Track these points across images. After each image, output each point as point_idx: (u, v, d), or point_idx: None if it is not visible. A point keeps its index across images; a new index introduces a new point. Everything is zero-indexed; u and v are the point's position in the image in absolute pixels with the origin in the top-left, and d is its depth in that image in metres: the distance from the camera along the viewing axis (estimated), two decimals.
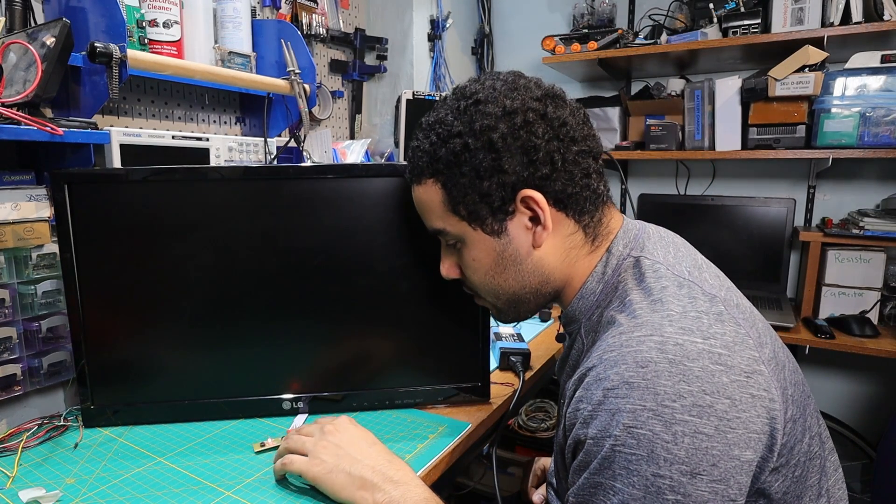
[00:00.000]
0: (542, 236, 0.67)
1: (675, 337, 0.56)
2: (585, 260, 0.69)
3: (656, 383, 0.54)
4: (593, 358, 0.60)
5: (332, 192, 0.93)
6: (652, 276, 0.64)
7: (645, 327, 0.58)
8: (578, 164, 0.65)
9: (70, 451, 0.87)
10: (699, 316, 0.59)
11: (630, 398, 0.54)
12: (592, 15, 2.06)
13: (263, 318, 0.94)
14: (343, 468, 0.71)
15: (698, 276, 0.64)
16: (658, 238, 0.69)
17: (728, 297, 0.63)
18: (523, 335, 1.30)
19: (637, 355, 0.56)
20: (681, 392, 0.53)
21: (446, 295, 0.97)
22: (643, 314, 0.60)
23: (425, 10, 2.11)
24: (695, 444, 0.52)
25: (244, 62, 1.43)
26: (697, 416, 0.52)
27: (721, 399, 0.53)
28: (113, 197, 0.89)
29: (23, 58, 0.95)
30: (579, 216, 0.67)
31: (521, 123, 0.63)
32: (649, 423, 0.53)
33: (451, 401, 1.00)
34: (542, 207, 0.65)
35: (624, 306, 0.63)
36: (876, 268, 1.75)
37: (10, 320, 0.91)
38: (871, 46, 1.67)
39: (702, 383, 0.53)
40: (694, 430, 0.52)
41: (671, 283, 0.62)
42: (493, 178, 0.64)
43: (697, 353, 0.55)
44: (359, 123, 2.07)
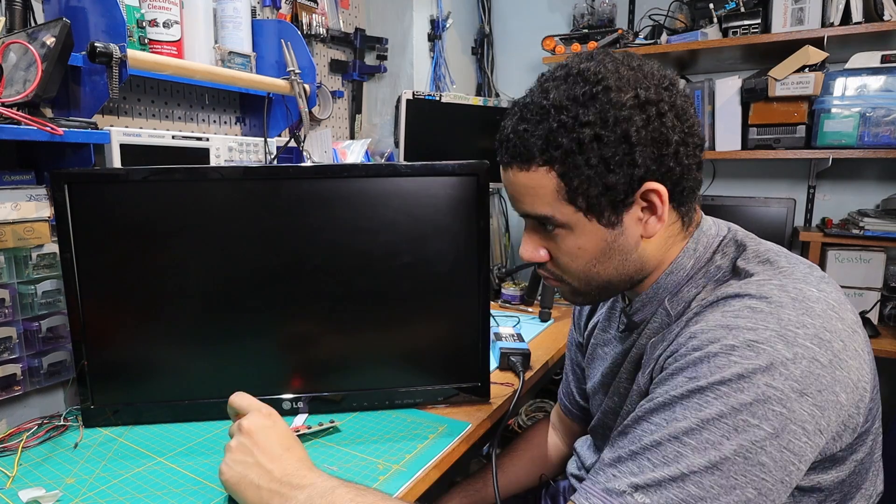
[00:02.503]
0: (655, 228, 0.65)
1: (793, 283, 0.59)
2: (678, 246, 0.70)
3: (780, 312, 0.56)
4: (703, 302, 0.62)
5: (331, 192, 0.93)
6: (752, 242, 0.67)
7: (761, 275, 0.61)
8: (696, 158, 0.64)
9: (70, 451, 0.87)
10: (807, 274, 0.62)
11: (753, 318, 0.55)
12: (592, 15, 2.06)
13: (263, 318, 0.94)
14: (251, 479, 0.65)
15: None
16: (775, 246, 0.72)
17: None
18: (523, 335, 1.30)
19: (759, 291, 0.58)
20: (804, 322, 0.55)
21: (447, 295, 0.97)
22: (755, 270, 0.62)
23: (425, 10, 2.11)
24: (810, 369, 0.53)
25: (244, 62, 1.43)
26: (817, 346, 0.54)
27: (837, 339, 0.56)
28: (113, 197, 0.89)
29: (23, 58, 0.95)
30: (681, 206, 0.67)
31: (655, 115, 0.60)
32: (772, 340, 0.54)
33: (451, 401, 1.00)
34: (664, 201, 0.63)
35: (731, 270, 0.65)
36: (876, 268, 1.75)
37: (10, 320, 0.91)
38: (871, 46, 1.67)
39: (822, 321, 0.56)
40: (812, 356, 0.54)
41: (769, 249, 0.66)
42: (621, 171, 0.61)
43: (816, 298, 0.58)
44: (359, 123, 2.07)
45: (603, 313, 0.88)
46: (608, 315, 0.86)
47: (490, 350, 1.02)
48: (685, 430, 0.54)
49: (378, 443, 0.89)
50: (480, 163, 0.95)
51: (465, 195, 0.95)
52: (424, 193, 0.94)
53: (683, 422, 0.54)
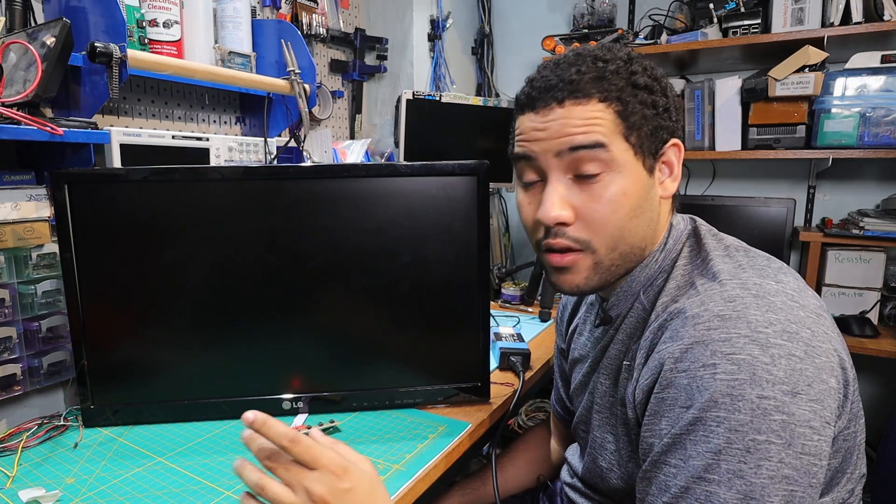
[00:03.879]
0: (670, 188, 0.70)
1: (753, 279, 0.61)
2: (657, 235, 0.71)
3: (747, 313, 0.56)
4: (671, 308, 0.63)
5: (331, 192, 0.93)
6: (711, 237, 0.71)
7: (723, 273, 0.63)
8: (681, 120, 0.72)
9: (70, 450, 0.87)
10: (764, 267, 0.64)
11: (723, 328, 0.56)
12: (592, 15, 2.06)
13: (263, 318, 0.94)
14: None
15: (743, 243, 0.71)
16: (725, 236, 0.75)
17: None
18: (523, 335, 1.30)
19: (723, 294, 0.59)
20: (770, 320, 0.56)
21: (447, 295, 0.97)
22: (717, 265, 0.65)
23: (425, 10, 2.11)
24: (791, 365, 0.54)
25: (244, 62, 1.43)
26: (788, 341, 0.55)
27: (803, 328, 0.56)
28: (113, 197, 0.90)
29: (23, 58, 0.95)
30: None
31: (663, 87, 0.69)
32: (747, 347, 0.54)
33: (451, 401, 1.00)
34: (680, 159, 0.70)
35: (692, 260, 0.68)
36: (876, 268, 1.75)
37: (10, 320, 0.91)
38: (871, 46, 1.67)
39: (785, 313, 0.57)
40: (788, 352, 0.54)
41: (730, 243, 0.70)
42: (662, 118, 0.67)
43: (775, 291, 0.59)
44: (359, 123, 2.07)
45: (581, 316, 0.89)
46: (585, 317, 0.87)
47: (490, 350, 1.02)
48: (704, 467, 0.54)
49: (378, 443, 0.89)
50: (480, 163, 0.95)
51: (465, 195, 0.95)
52: (424, 193, 0.95)
53: (698, 459, 0.54)
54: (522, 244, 2.49)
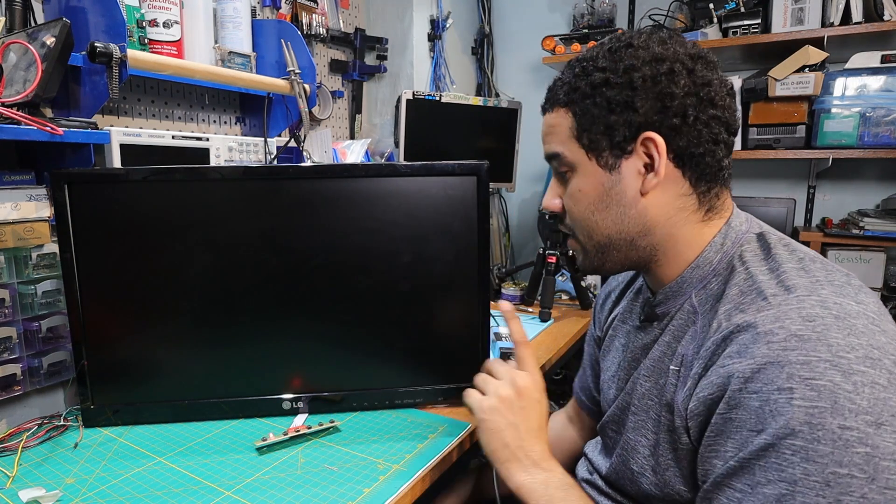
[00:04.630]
0: (651, 183, 0.66)
1: (832, 297, 0.56)
2: (693, 228, 0.68)
3: (827, 335, 0.52)
4: (738, 318, 0.58)
5: (331, 192, 0.93)
6: (783, 247, 0.64)
7: (799, 288, 0.57)
8: (710, 127, 0.64)
9: (70, 451, 0.87)
10: (844, 284, 0.58)
11: (802, 349, 0.52)
12: (592, 15, 2.06)
13: (263, 318, 0.94)
14: (503, 436, 0.72)
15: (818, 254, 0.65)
16: (803, 247, 0.69)
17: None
18: None
19: (801, 311, 0.55)
20: (852, 344, 0.52)
21: (447, 294, 0.97)
22: (791, 278, 0.59)
23: (425, 10, 2.11)
24: (874, 394, 0.50)
25: (244, 62, 1.43)
26: (871, 367, 0.51)
27: (887, 355, 0.52)
28: (113, 197, 0.90)
29: (23, 58, 0.95)
30: (696, 180, 0.66)
31: (666, 71, 0.64)
32: (828, 373, 0.51)
33: (452, 401, 1.00)
34: (661, 152, 0.64)
35: (762, 267, 0.62)
36: (876, 268, 1.75)
37: (10, 320, 0.91)
38: (871, 46, 1.67)
39: (868, 338, 0.53)
40: (871, 380, 0.51)
41: (805, 254, 0.63)
42: (622, 114, 0.65)
43: (856, 312, 0.55)
44: (359, 123, 2.07)
45: (624, 305, 0.86)
46: (629, 307, 0.84)
47: (490, 350, 1.02)
48: (777, 497, 0.51)
49: (378, 443, 0.89)
50: (480, 163, 0.95)
51: (465, 195, 0.95)
52: (424, 193, 0.95)
53: (769, 487, 0.52)
54: (522, 244, 2.49)
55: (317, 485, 0.77)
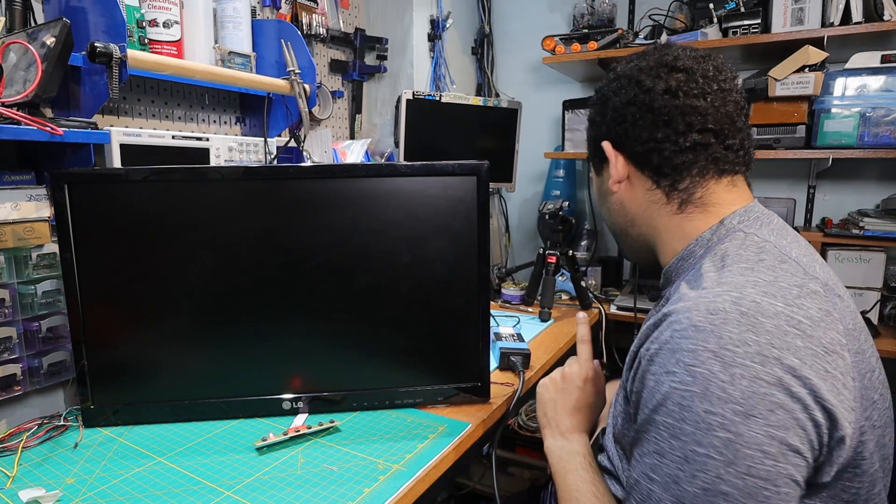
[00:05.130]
0: (613, 180, 0.77)
1: (753, 296, 0.57)
2: (670, 220, 0.74)
3: (722, 329, 0.55)
4: (669, 305, 0.62)
5: (332, 192, 0.93)
6: (754, 249, 0.65)
7: (726, 285, 0.60)
8: (647, 130, 0.72)
9: (70, 451, 0.87)
10: (789, 287, 0.59)
11: (693, 339, 0.56)
12: (592, 15, 2.06)
13: (263, 318, 0.94)
14: (545, 407, 0.89)
15: (806, 262, 0.64)
16: (780, 226, 0.71)
17: (832, 286, 0.63)
18: (523, 335, 1.30)
19: (710, 305, 0.57)
20: (746, 340, 0.54)
21: (446, 295, 0.97)
22: (730, 276, 0.61)
23: (425, 10, 2.11)
24: (753, 388, 0.52)
25: (244, 62, 1.43)
26: (760, 364, 0.53)
27: (789, 357, 0.53)
28: (113, 197, 0.90)
29: (23, 58, 0.95)
30: (656, 177, 0.73)
31: (615, 87, 0.76)
32: (708, 363, 0.54)
33: (451, 401, 1.00)
34: (609, 154, 0.76)
35: (714, 264, 0.65)
36: (876, 268, 1.75)
37: (10, 320, 0.91)
38: (871, 46, 1.67)
39: (771, 338, 0.54)
40: (754, 375, 0.53)
41: (771, 258, 0.63)
42: (592, 130, 0.81)
43: (774, 313, 0.56)
44: (359, 123, 2.07)
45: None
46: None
47: (490, 350, 1.02)
48: (651, 466, 0.57)
49: (378, 443, 0.89)
50: (480, 163, 0.95)
51: (465, 195, 0.95)
52: (424, 193, 0.95)
53: (648, 457, 0.58)
54: (522, 244, 2.49)
55: (317, 485, 0.77)
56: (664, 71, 0.72)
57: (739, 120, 0.73)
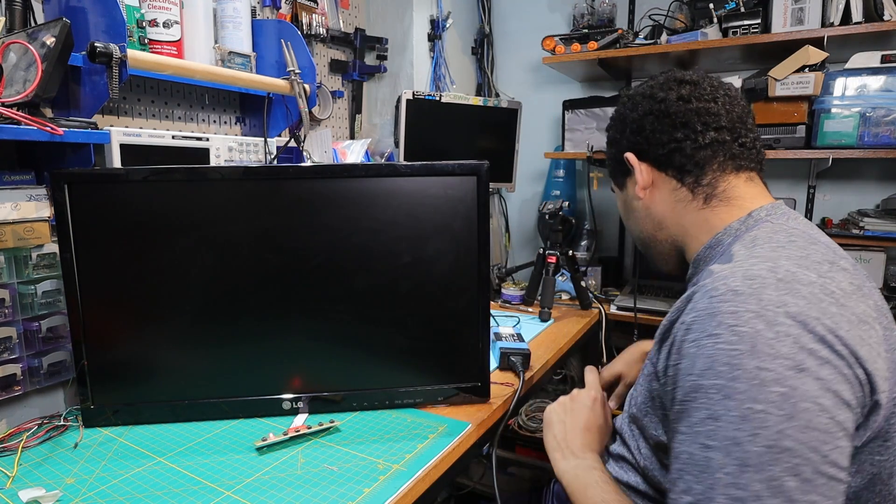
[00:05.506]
0: (639, 187, 0.81)
1: (788, 266, 0.59)
2: (697, 215, 0.77)
3: (761, 292, 0.56)
4: (703, 278, 0.63)
5: (332, 192, 0.93)
6: (784, 234, 0.68)
7: (759, 258, 0.62)
8: (667, 133, 0.77)
9: (70, 451, 0.87)
10: (821, 262, 0.61)
11: (733, 302, 0.56)
12: (592, 15, 2.06)
13: (263, 319, 0.94)
14: (554, 429, 0.88)
15: (834, 247, 0.68)
16: (807, 222, 0.74)
17: (859, 269, 0.66)
18: (523, 335, 1.30)
19: (747, 272, 0.59)
20: (786, 301, 0.55)
21: (446, 295, 0.97)
22: (762, 251, 0.64)
23: (425, 10, 2.11)
24: (799, 344, 0.53)
25: (244, 62, 1.43)
26: (802, 323, 0.54)
27: (827, 320, 0.54)
28: (113, 197, 0.90)
29: (23, 58, 0.95)
30: (679, 175, 0.78)
31: (631, 106, 0.82)
32: (751, 322, 0.54)
33: (451, 401, 1.00)
34: (633, 164, 0.81)
35: (744, 246, 0.67)
36: (876, 268, 1.75)
37: (10, 320, 0.91)
38: (871, 46, 1.67)
39: (808, 303, 0.55)
40: (798, 332, 0.53)
41: (801, 240, 0.66)
42: (613, 148, 0.86)
43: (809, 282, 0.57)
44: (359, 123, 2.07)
45: None
46: None
47: (490, 350, 1.02)
48: (706, 434, 0.55)
49: (378, 443, 0.89)
50: (480, 163, 0.95)
51: (465, 195, 0.95)
52: (424, 193, 0.95)
53: (700, 426, 0.55)
54: (522, 244, 2.49)
55: (317, 485, 0.77)
56: (674, 84, 0.79)
57: (748, 122, 0.78)
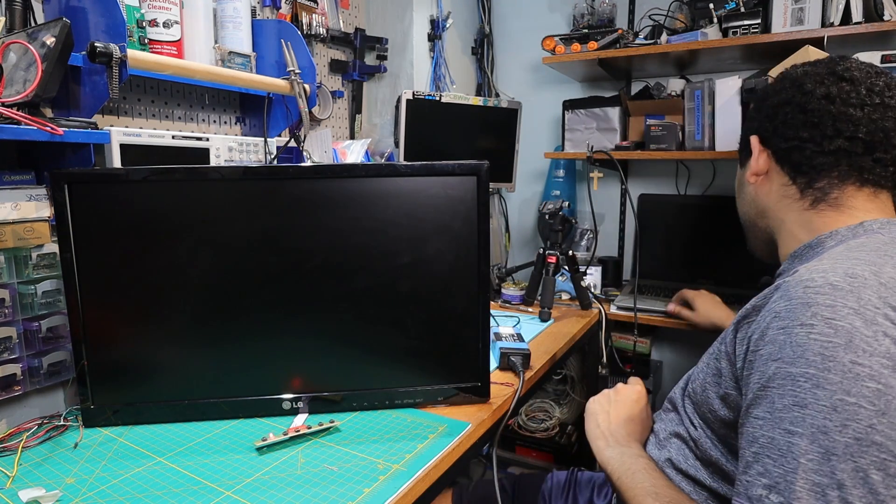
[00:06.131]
0: (751, 171, 0.83)
1: (893, 273, 0.58)
2: (801, 215, 0.77)
3: (861, 291, 0.55)
4: (793, 272, 0.62)
5: (331, 192, 0.93)
6: (889, 239, 0.66)
7: (860, 260, 0.60)
8: (795, 129, 0.77)
9: (70, 451, 0.87)
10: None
11: (831, 296, 0.55)
12: (592, 15, 2.06)
13: (263, 319, 0.94)
14: (597, 419, 0.89)
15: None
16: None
17: None
18: (523, 335, 1.30)
19: (849, 270, 0.58)
20: (888, 303, 0.54)
21: (446, 295, 0.97)
22: (867, 256, 0.62)
23: (425, 10, 2.11)
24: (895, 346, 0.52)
25: (244, 62, 1.43)
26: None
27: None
28: (113, 197, 0.90)
29: (23, 58, 0.95)
30: (794, 173, 0.78)
31: (778, 88, 0.81)
32: (849, 317, 0.54)
33: (451, 401, 1.00)
34: (754, 147, 0.82)
35: (847, 248, 0.66)
36: None
37: (10, 320, 0.91)
38: (871, 46, 1.67)
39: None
40: (895, 335, 0.53)
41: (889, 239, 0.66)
42: (748, 123, 0.86)
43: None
44: (359, 123, 2.07)
45: None
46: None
47: (490, 350, 1.02)
48: (791, 420, 0.54)
49: (378, 443, 0.89)
50: (480, 163, 0.95)
51: (465, 195, 0.95)
52: (424, 193, 0.95)
53: (785, 412, 0.55)
54: (522, 244, 2.49)
55: (317, 485, 0.78)
56: (830, 79, 0.75)
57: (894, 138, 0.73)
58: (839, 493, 0.50)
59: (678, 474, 0.78)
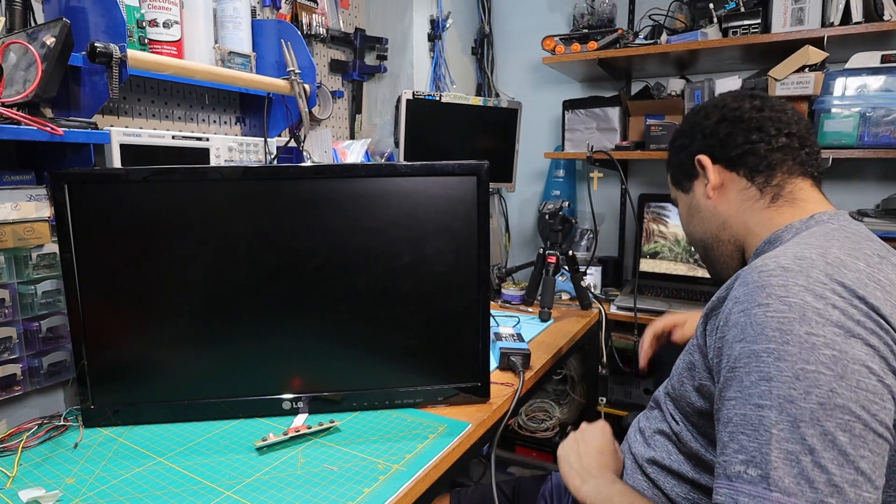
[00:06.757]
0: (710, 187, 0.84)
1: (839, 254, 0.62)
2: (762, 214, 0.80)
3: (810, 270, 0.60)
4: (751, 264, 0.66)
5: (331, 192, 0.93)
6: (840, 231, 0.70)
7: (810, 245, 0.65)
8: (743, 136, 0.81)
9: (70, 451, 0.87)
10: (871, 255, 0.64)
11: (783, 277, 0.60)
12: (592, 15, 2.06)
13: (263, 318, 0.94)
14: (570, 460, 0.89)
15: (890, 248, 0.71)
16: (865, 227, 0.76)
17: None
18: (523, 335, 1.30)
19: (798, 253, 0.63)
20: (834, 279, 0.59)
21: (446, 295, 0.97)
22: (814, 241, 0.67)
23: (425, 10, 2.11)
24: (847, 314, 0.56)
25: (244, 62, 1.43)
26: (849, 297, 0.57)
27: (872, 300, 0.57)
28: (113, 197, 0.90)
29: (23, 58, 0.95)
30: (750, 174, 0.81)
31: (703, 115, 0.86)
32: (800, 294, 0.58)
33: (451, 401, 1.00)
34: (706, 165, 0.84)
35: (800, 238, 0.71)
36: None
37: (10, 320, 0.91)
38: (871, 46, 1.67)
39: (854, 285, 0.58)
40: (845, 305, 0.57)
41: (856, 236, 0.69)
42: (682, 153, 0.88)
43: (857, 269, 0.61)
44: (359, 123, 2.07)
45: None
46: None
47: (490, 350, 1.02)
48: (759, 394, 0.57)
49: (378, 443, 0.89)
50: (480, 163, 0.95)
51: (465, 195, 0.95)
52: (424, 193, 0.95)
53: (753, 388, 0.58)
54: (522, 244, 2.49)
55: (317, 485, 0.78)
56: (745, 97, 0.84)
57: (811, 134, 0.83)
58: (811, 458, 0.53)
59: (661, 471, 0.80)
